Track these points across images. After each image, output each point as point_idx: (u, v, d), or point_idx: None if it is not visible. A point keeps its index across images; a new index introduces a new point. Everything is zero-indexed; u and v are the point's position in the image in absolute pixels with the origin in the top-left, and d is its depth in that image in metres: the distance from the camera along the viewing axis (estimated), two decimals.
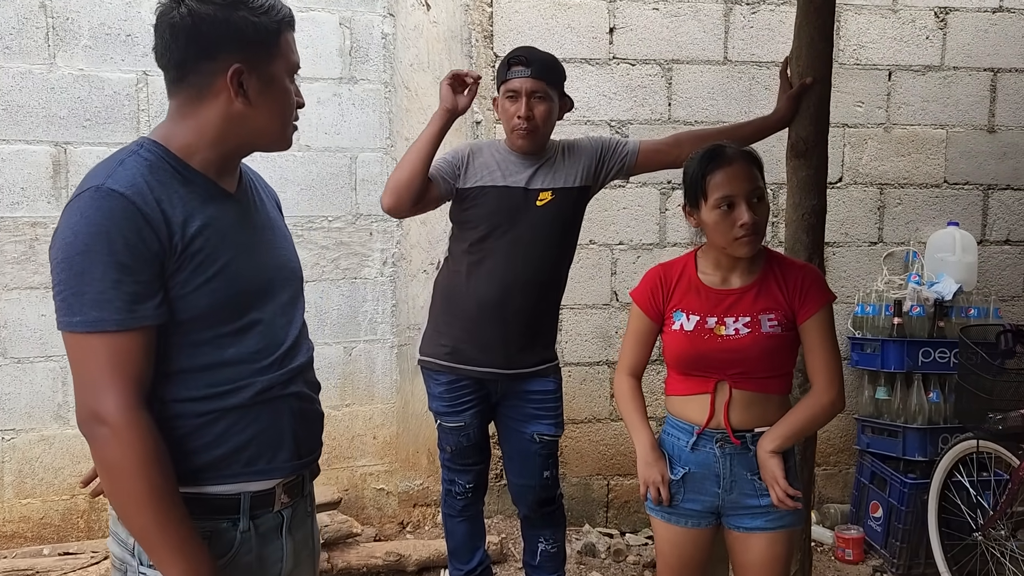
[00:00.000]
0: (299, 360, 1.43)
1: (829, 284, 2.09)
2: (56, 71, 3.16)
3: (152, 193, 1.25)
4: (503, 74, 2.49)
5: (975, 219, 3.87)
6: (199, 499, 1.31)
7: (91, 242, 1.20)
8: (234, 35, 1.29)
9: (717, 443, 2.01)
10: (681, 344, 2.03)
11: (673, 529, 2.08)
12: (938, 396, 3.53)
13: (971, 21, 3.78)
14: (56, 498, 3.31)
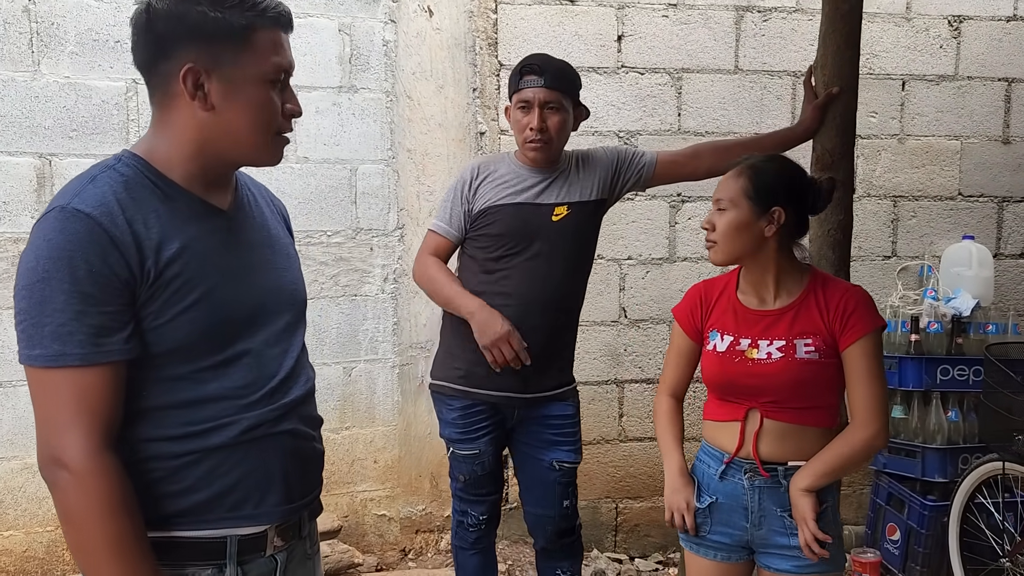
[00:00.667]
0: (294, 393, 1.30)
1: None
2: (40, 79, 3.00)
3: (123, 213, 1.14)
4: (515, 83, 2.37)
5: (990, 232, 3.79)
6: (178, 543, 1.20)
7: (52, 268, 1.10)
8: (188, 31, 1.15)
9: (746, 474, 1.89)
10: (712, 366, 1.94)
11: (701, 561, 1.97)
12: (957, 415, 3.42)
13: (985, 30, 3.70)
14: (40, 530, 3.13)
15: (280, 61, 1.21)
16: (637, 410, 3.64)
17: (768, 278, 1.91)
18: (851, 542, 3.67)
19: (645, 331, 3.62)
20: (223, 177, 1.28)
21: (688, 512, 1.95)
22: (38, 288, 1.10)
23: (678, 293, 3.59)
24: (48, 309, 1.10)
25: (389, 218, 3.38)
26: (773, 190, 1.87)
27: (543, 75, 2.34)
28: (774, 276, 1.90)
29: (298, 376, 1.32)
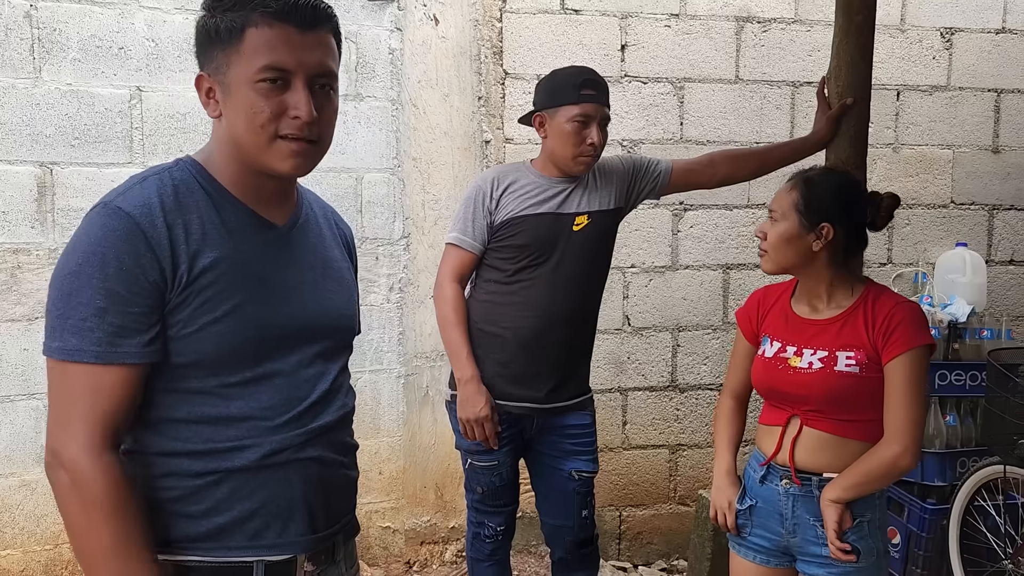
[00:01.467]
0: (324, 419, 1.25)
1: None
2: (42, 86, 2.93)
3: (164, 216, 1.14)
4: (570, 95, 2.33)
5: (981, 239, 3.87)
6: (206, 568, 1.18)
7: (84, 262, 1.11)
8: (202, 44, 1.19)
9: (782, 480, 1.91)
10: (758, 371, 1.98)
11: (743, 562, 2.01)
12: (955, 419, 3.48)
13: (976, 42, 3.78)
14: (38, 548, 3.05)
15: (273, 60, 1.13)
16: (640, 418, 3.65)
17: (820, 289, 1.93)
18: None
19: (648, 339, 3.63)
20: (277, 190, 1.26)
21: (729, 512, 1.99)
22: (68, 280, 1.11)
23: (680, 301, 3.63)
24: (74, 302, 1.10)
25: (395, 227, 3.35)
26: (823, 206, 1.89)
27: (601, 91, 2.36)
28: (825, 288, 1.93)
29: (331, 402, 1.28)
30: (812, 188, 1.91)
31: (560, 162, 2.38)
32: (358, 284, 1.45)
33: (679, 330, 3.65)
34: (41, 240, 2.96)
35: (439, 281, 2.44)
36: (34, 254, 2.95)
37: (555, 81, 2.40)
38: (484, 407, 2.32)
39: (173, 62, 3.05)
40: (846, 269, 1.94)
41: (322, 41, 1.18)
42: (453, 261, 2.42)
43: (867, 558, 1.84)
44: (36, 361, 2.99)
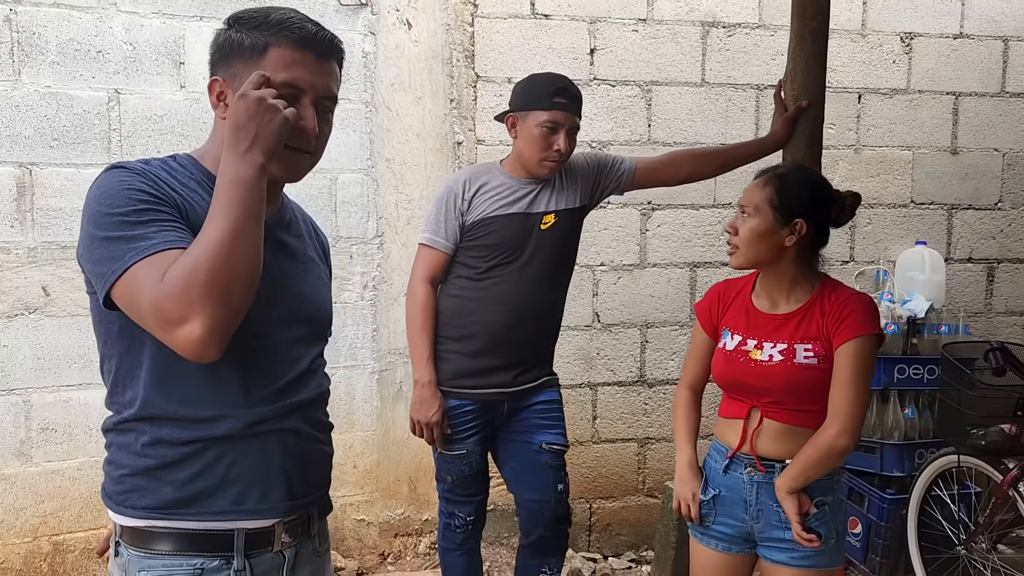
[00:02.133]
0: (302, 395, 1.35)
1: None
2: (21, 88, 2.99)
3: (167, 182, 1.24)
4: (543, 102, 2.41)
5: (940, 238, 3.99)
6: (187, 534, 1.25)
7: (113, 203, 1.20)
8: (223, 53, 1.30)
9: (746, 469, 1.99)
10: (720, 364, 2.04)
11: (705, 551, 2.07)
12: (913, 412, 3.59)
13: (934, 46, 3.90)
14: (17, 541, 3.10)
15: (287, 76, 1.25)
16: (610, 412, 3.74)
17: (783, 284, 1.99)
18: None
19: (617, 335, 3.73)
20: (268, 191, 1.33)
21: (693, 503, 2.05)
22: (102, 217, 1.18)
23: (649, 298, 3.73)
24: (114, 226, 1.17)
25: (368, 226, 3.43)
26: (798, 201, 1.95)
27: (573, 101, 2.44)
28: (788, 283, 1.99)
29: (308, 381, 1.37)
30: (786, 184, 1.97)
31: (526, 164, 2.47)
32: (331, 288, 1.54)
33: (647, 326, 3.74)
34: (20, 239, 3.02)
35: (412, 282, 2.52)
36: (13, 252, 3.02)
37: (530, 85, 2.49)
38: (436, 412, 2.42)
39: (150, 65, 3.12)
40: (808, 265, 2.01)
41: (332, 70, 1.33)
42: (426, 262, 2.50)
43: (827, 541, 1.91)
44: (14, 357, 3.05)
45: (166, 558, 1.24)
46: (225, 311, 1.12)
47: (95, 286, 1.19)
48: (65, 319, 3.08)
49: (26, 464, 3.09)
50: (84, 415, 3.11)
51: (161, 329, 1.12)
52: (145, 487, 1.24)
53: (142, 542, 1.25)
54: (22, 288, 3.03)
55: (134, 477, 1.25)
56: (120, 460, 1.27)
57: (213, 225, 1.13)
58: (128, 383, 1.25)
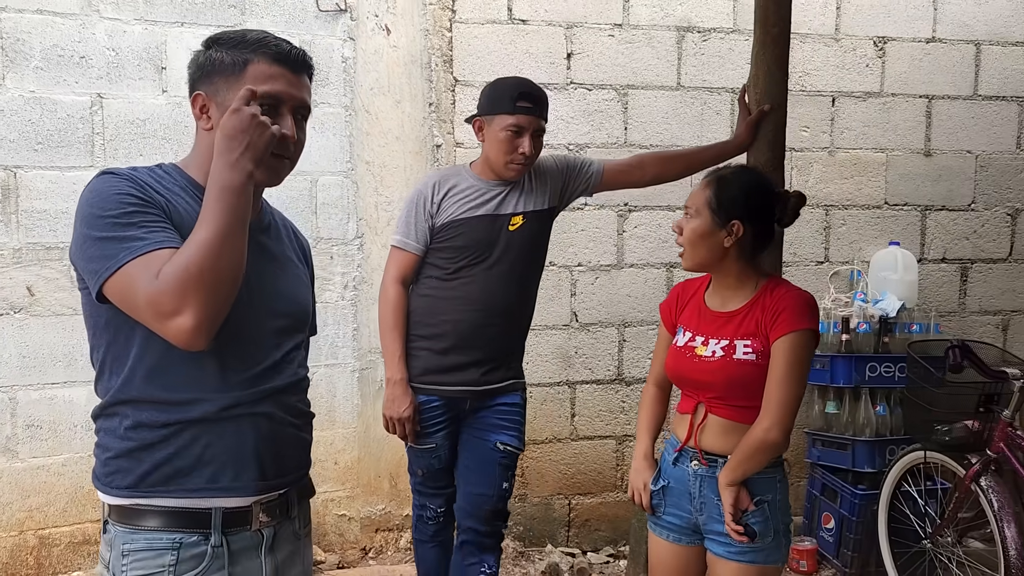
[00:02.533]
0: (276, 383, 1.43)
1: None
2: (6, 93, 3.07)
3: (152, 187, 1.33)
4: (506, 106, 2.46)
5: (914, 238, 4.05)
6: (167, 512, 1.34)
7: (104, 206, 1.30)
8: (200, 69, 1.41)
9: (691, 462, 2.04)
10: (670, 359, 2.10)
11: (658, 541, 2.13)
12: (884, 409, 3.66)
13: (907, 50, 3.97)
14: (3, 535, 3.18)
15: (268, 89, 1.36)
16: (588, 410, 3.81)
17: (728, 283, 2.04)
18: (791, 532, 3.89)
19: (595, 334, 3.80)
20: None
21: (644, 492, 2.12)
22: (95, 218, 1.28)
23: (626, 298, 3.80)
24: (108, 226, 1.27)
25: (348, 228, 3.51)
26: (735, 204, 1.98)
27: (537, 104, 2.49)
28: (733, 282, 2.04)
29: (283, 369, 1.46)
30: (724, 187, 2.01)
31: (494, 167, 2.53)
32: (313, 286, 1.64)
33: (625, 326, 3.81)
34: (5, 240, 3.10)
35: (384, 283, 2.59)
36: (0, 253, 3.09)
37: (495, 90, 2.54)
38: (408, 408, 2.50)
39: (133, 70, 3.19)
40: (753, 264, 2.05)
41: (305, 83, 1.45)
42: (397, 263, 2.57)
43: (763, 538, 1.95)
44: (1, 355, 3.12)
45: (148, 533, 1.33)
46: (214, 305, 1.24)
47: (88, 282, 1.29)
48: (50, 318, 3.15)
49: (12, 460, 3.17)
50: (68, 412, 3.19)
51: (156, 320, 1.23)
52: (128, 467, 1.34)
53: (127, 519, 1.34)
54: (7, 288, 3.11)
55: (118, 459, 1.34)
56: (107, 444, 1.36)
57: (204, 227, 1.24)
58: (114, 369, 1.34)
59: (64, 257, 3.14)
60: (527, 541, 3.77)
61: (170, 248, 1.26)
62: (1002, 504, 2.92)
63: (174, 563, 1.33)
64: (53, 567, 3.23)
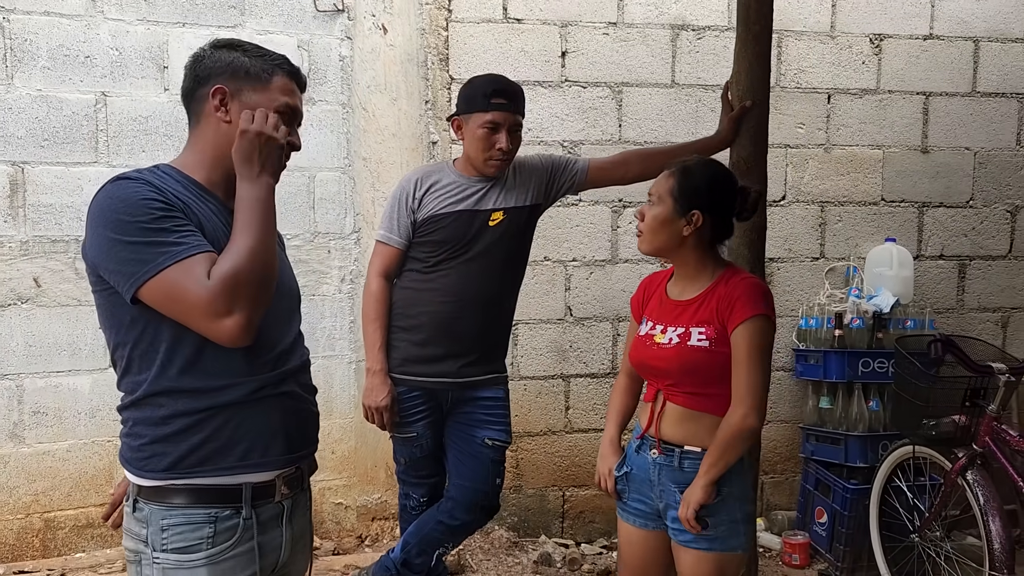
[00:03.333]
0: (292, 363, 1.55)
1: (775, 299, 2.10)
2: (14, 91, 3.19)
3: (168, 190, 1.42)
4: (481, 103, 2.52)
5: (911, 235, 4.06)
6: (204, 489, 1.45)
7: (125, 212, 1.38)
8: (225, 67, 1.50)
9: (651, 450, 2.08)
10: (633, 348, 2.15)
11: (626, 526, 2.18)
12: (877, 404, 3.67)
13: (904, 47, 3.98)
14: (11, 517, 3.29)
15: (288, 101, 1.52)
16: (582, 403, 3.86)
17: (687, 272, 2.10)
18: (784, 525, 3.92)
19: (589, 328, 3.84)
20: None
21: (609, 477, 2.18)
22: (122, 229, 1.36)
23: (620, 293, 3.84)
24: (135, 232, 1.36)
25: (345, 222, 3.59)
26: (696, 194, 2.03)
27: (512, 100, 2.55)
28: (691, 271, 2.09)
29: (295, 351, 1.59)
30: (688, 177, 2.06)
31: (474, 163, 2.59)
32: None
33: (619, 320, 3.86)
34: (13, 233, 3.22)
35: (368, 276, 2.67)
36: (6, 246, 3.21)
37: (470, 89, 2.60)
38: (385, 398, 2.58)
39: (136, 69, 3.30)
40: (711, 254, 2.10)
41: (302, 97, 1.60)
42: (381, 257, 2.64)
43: (716, 527, 1.99)
44: (8, 344, 3.24)
45: (184, 508, 1.44)
46: (261, 306, 1.39)
47: (118, 284, 1.38)
48: (55, 309, 3.27)
49: (19, 445, 3.28)
50: (73, 400, 3.30)
51: (207, 321, 1.35)
52: (164, 452, 1.43)
53: (161, 497, 1.44)
54: (15, 279, 3.22)
55: (154, 445, 1.44)
56: (140, 432, 1.45)
57: (245, 236, 1.37)
58: (143, 364, 1.43)
59: (69, 250, 3.25)
60: (521, 532, 3.83)
61: (205, 253, 1.36)
62: (987, 498, 2.93)
63: (212, 535, 1.44)
64: (58, 549, 3.34)
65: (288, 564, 1.58)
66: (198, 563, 1.43)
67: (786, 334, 3.91)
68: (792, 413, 3.97)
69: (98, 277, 1.41)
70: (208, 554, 1.43)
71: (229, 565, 1.45)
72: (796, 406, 3.97)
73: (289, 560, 1.57)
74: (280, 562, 1.55)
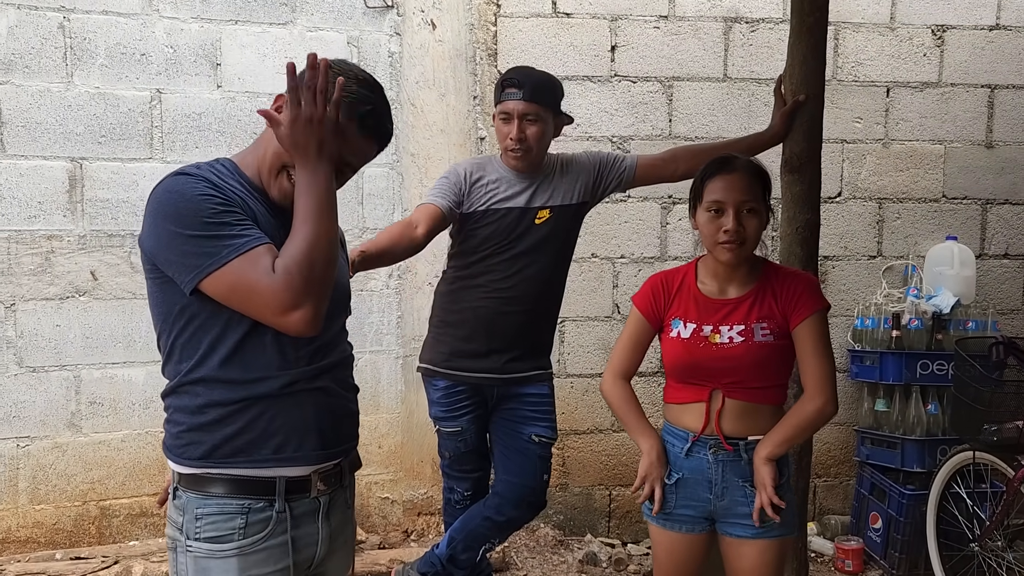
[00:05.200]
0: (330, 359, 1.53)
1: (828, 297, 2.10)
2: (73, 89, 3.27)
3: (226, 186, 1.42)
4: (498, 95, 2.56)
5: (974, 233, 3.92)
6: (237, 480, 1.44)
7: (182, 207, 1.39)
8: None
9: (711, 450, 2.05)
10: (678, 351, 2.08)
11: (668, 534, 2.12)
12: (936, 408, 3.56)
13: (968, 38, 3.84)
14: (68, 504, 3.39)
15: (350, 159, 1.49)
16: None
17: (736, 270, 2.06)
18: (836, 530, 3.82)
19: None
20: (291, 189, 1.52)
21: (659, 485, 2.09)
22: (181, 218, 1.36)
23: None
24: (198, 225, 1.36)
25: (394, 218, 3.60)
26: (769, 194, 2.08)
27: (522, 88, 2.51)
28: (738, 270, 2.06)
29: (335, 346, 1.57)
30: (765, 177, 2.07)
31: (502, 156, 2.58)
32: (347, 269, 1.71)
33: None
34: (72, 227, 3.30)
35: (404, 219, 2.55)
36: (65, 240, 3.30)
37: (496, 83, 2.62)
38: None
39: (190, 66, 3.36)
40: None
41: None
42: (421, 210, 2.51)
43: (787, 512, 2.01)
44: (66, 336, 3.33)
45: (219, 498, 1.44)
46: (326, 296, 1.38)
47: (179, 276, 1.38)
48: (111, 301, 3.35)
49: (76, 434, 3.37)
50: (128, 391, 3.38)
51: (276, 313, 1.34)
52: (200, 440, 1.44)
53: (198, 486, 1.45)
54: (72, 272, 3.31)
55: (190, 432, 1.44)
56: (178, 419, 1.46)
57: (307, 227, 1.36)
58: (185, 353, 1.44)
59: (125, 244, 3.32)
60: (567, 530, 3.80)
61: (266, 244, 1.36)
62: None
63: (243, 526, 1.44)
64: (113, 536, 3.42)
65: (326, 561, 1.57)
66: (229, 553, 1.43)
67: (840, 334, 3.81)
68: (846, 415, 3.87)
69: (153, 266, 1.42)
70: (239, 545, 1.44)
71: (261, 557, 1.45)
72: (851, 408, 3.86)
73: (328, 557, 1.56)
74: (317, 558, 1.54)
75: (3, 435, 3.31)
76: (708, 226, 2.02)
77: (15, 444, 3.33)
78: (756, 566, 2.05)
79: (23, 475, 3.34)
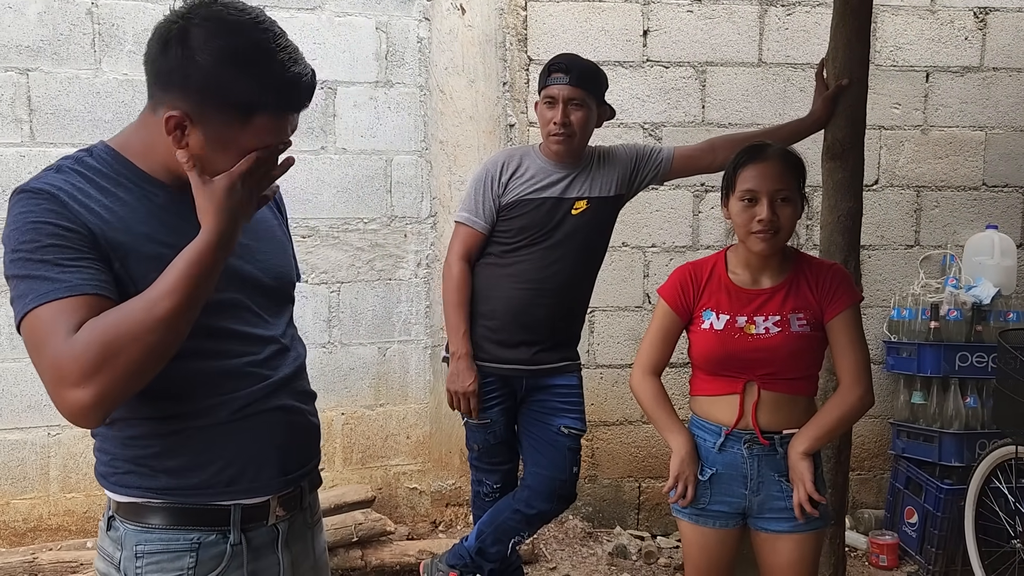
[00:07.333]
0: (283, 371, 1.33)
1: (864, 287, 2.11)
2: (101, 76, 3.25)
3: (76, 202, 1.16)
4: (543, 80, 2.52)
5: (1015, 222, 3.82)
6: (186, 509, 1.25)
7: (23, 239, 1.15)
8: (193, 82, 1.15)
9: (745, 444, 2.01)
10: (710, 343, 2.04)
11: (700, 530, 2.08)
12: (975, 401, 3.49)
13: (1012, 21, 3.73)
14: (99, 493, 3.37)
15: (273, 141, 1.19)
16: None
17: (769, 261, 2.02)
18: (871, 525, 3.76)
19: None
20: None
21: (692, 483, 2.05)
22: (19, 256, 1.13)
23: None
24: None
25: (422, 206, 3.56)
26: (805, 183, 2.04)
27: (569, 73, 2.48)
28: (776, 258, 2.02)
29: (287, 353, 1.35)
30: (800, 165, 2.03)
31: (545, 145, 2.54)
32: (290, 234, 1.49)
33: None
34: None
35: (448, 260, 2.62)
36: None
37: (541, 69, 2.58)
38: (472, 384, 2.53)
39: None
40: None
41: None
42: (462, 240, 2.59)
43: (821, 505, 1.99)
44: None
45: (163, 531, 1.24)
46: (131, 386, 1.10)
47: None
48: None
49: None
50: None
51: (50, 383, 1.08)
52: (138, 471, 1.24)
53: (138, 516, 1.24)
54: None
55: (125, 463, 1.24)
56: (108, 448, 1.26)
57: (162, 298, 1.09)
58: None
59: None
60: (596, 522, 3.77)
61: (84, 296, 1.09)
62: None
63: (193, 565, 1.24)
64: None
65: None
66: None
67: (876, 325, 3.74)
68: (882, 408, 3.79)
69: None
70: None
71: None
72: (886, 401, 3.78)
73: None
74: None
75: (34, 423, 3.30)
76: (741, 215, 1.97)
77: (46, 432, 3.32)
78: (793, 560, 2.03)
79: (54, 463, 3.34)
